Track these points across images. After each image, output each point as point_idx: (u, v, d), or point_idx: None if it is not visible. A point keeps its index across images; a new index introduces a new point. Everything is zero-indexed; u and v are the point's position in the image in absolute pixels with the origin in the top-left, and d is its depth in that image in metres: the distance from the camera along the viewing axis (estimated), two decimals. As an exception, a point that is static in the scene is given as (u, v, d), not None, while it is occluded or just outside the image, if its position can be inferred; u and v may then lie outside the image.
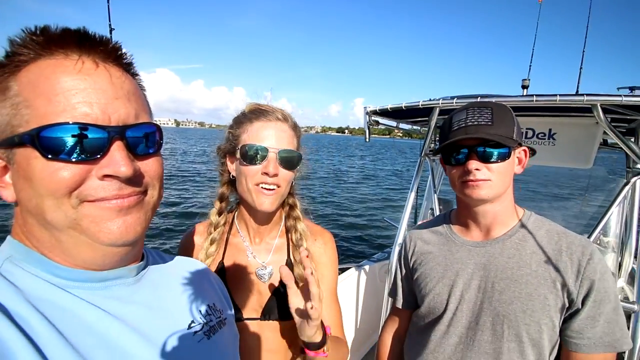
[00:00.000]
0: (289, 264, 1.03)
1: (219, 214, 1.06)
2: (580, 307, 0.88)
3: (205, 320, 0.64)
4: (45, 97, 0.45)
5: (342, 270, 2.62)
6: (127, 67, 0.53)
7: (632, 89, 2.39)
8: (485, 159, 0.90)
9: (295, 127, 1.01)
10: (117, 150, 0.48)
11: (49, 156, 0.44)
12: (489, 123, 0.89)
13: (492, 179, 0.91)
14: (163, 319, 0.57)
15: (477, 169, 0.90)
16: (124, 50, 0.52)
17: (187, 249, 1.06)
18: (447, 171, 1.01)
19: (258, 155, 0.92)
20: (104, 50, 0.49)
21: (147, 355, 0.51)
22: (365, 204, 13.19)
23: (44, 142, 0.44)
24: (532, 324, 0.89)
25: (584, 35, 3.06)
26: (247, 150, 0.93)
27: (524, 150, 0.97)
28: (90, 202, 0.48)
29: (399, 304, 1.20)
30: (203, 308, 0.66)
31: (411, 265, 1.14)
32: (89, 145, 0.46)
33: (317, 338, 0.86)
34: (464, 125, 0.91)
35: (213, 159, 1.09)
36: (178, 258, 0.74)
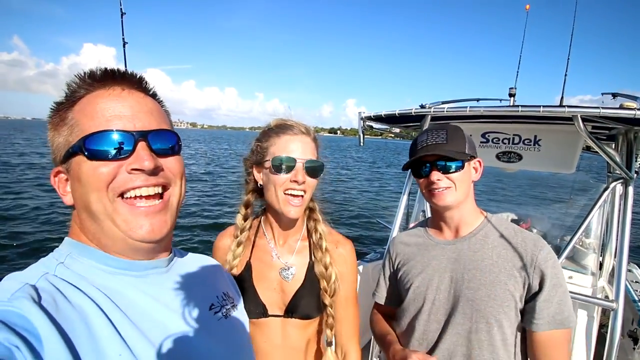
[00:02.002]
0: (311, 265, 1.12)
1: (245, 219, 1.16)
2: (537, 290, 1.03)
3: (222, 304, 0.78)
4: (89, 116, 0.60)
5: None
6: (150, 93, 0.69)
7: (614, 95, 2.51)
8: (445, 170, 1.09)
9: (315, 139, 1.11)
10: (141, 149, 0.61)
11: (91, 157, 0.58)
12: (444, 142, 1.08)
13: (452, 187, 1.09)
14: (190, 301, 0.70)
15: (438, 179, 1.09)
16: (146, 82, 0.67)
17: (218, 249, 1.17)
18: (418, 183, 1.19)
19: (287, 166, 1.02)
20: (130, 80, 0.65)
21: (180, 327, 0.65)
22: (360, 205, 13.31)
23: (87, 147, 0.58)
24: (495, 306, 1.05)
25: (569, 42, 3.17)
26: (278, 161, 1.03)
27: (479, 161, 1.17)
28: (123, 200, 0.60)
29: (381, 301, 1.36)
30: (220, 294, 0.80)
31: (395, 266, 1.29)
32: (119, 147, 0.59)
33: None
34: (425, 145, 1.11)
35: (216, 162, 1.19)
36: (195, 254, 0.87)
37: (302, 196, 1.05)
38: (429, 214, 2.52)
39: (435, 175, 1.09)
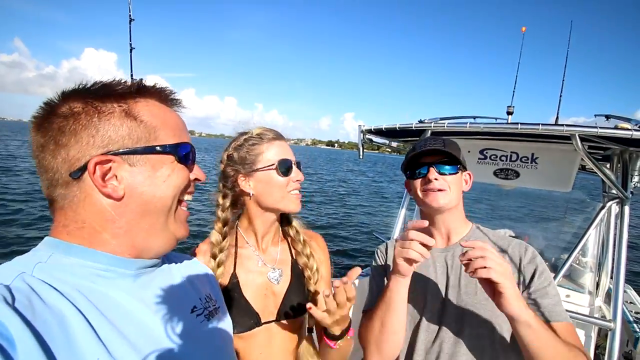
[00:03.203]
0: (294, 261, 1.17)
1: (224, 237, 1.09)
2: (529, 284, 1.07)
3: (204, 306, 0.77)
4: (170, 126, 0.67)
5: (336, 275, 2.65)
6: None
7: (607, 117, 2.56)
8: (442, 172, 1.14)
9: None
10: (196, 162, 0.72)
11: (181, 161, 0.67)
12: (443, 147, 1.14)
13: (447, 189, 1.13)
14: (172, 302, 0.69)
15: (435, 178, 1.13)
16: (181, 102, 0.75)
17: None
18: (411, 187, 1.22)
19: (290, 167, 1.09)
20: (177, 101, 0.72)
21: (160, 329, 0.63)
22: (359, 219, 13.28)
23: (181, 152, 0.67)
24: (494, 310, 1.02)
25: (563, 64, 3.24)
26: (284, 164, 1.08)
27: (469, 174, 1.24)
28: (182, 202, 0.69)
29: (373, 304, 1.28)
30: (202, 296, 0.79)
31: (387, 272, 1.25)
32: (193, 158, 0.70)
33: (336, 331, 1.00)
34: (424, 147, 1.16)
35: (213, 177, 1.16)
36: (179, 255, 0.86)
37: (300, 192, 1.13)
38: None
39: (433, 174, 1.13)
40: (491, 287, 0.92)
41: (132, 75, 1.68)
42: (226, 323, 0.84)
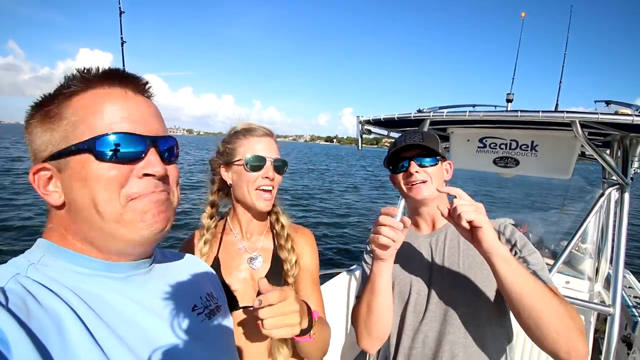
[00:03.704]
0: (275, 250, 1.20)
1: (210, 217, 1.21)
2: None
3: (205, 305, 0.76)
4: (98, 115, 0.57)
5: (333, 275, 2.67)
6: (151, 97, 0.67)
7: (607, 102, 2.54)
8: (422, 165, 1.20)
9: (275, 140, 1.21)
10: (153, 155, 0.60)
11: (102, 159, 0.56)
12: (421, 141, 1.20)
13: (428, 180, 1.19)
14: (171, 302, 0.68)
15: (416, 172, 1.18)
16: (150, 86, 0.66)
17: (186, 251, 1.15)
18: (395, 180, 1.28)
19: (259, 164, 1.12)
20: (137, 83, 0.63)
21: (159, 331, 0.62)
22: (359, 212, 13.32)
23: (98, 148, 0.56)
24: (476, 289, 1.13)
25: (563, 50, 3.21)
26: (251, 160, 1.11)
27: (449, 164, 1.30)
28: (134, 200, 0.59)
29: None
30: (203, 295, 0.77)
31: None
32: (131, 151, 0.58)
33: (304, 324, 0.87)
34: (404, 143, 1.22)
35: (206, 170, 1.26)
36: (179, 253, 0.85)
37: (271, 191, 1.14)
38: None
39: (414, 168, 1.18)
40: (469, 232, 0.97)
41: (124, 69, 1.65)
42: (228, 321, 0.83)
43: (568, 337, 0.88)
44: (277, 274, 1.15)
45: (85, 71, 0.59)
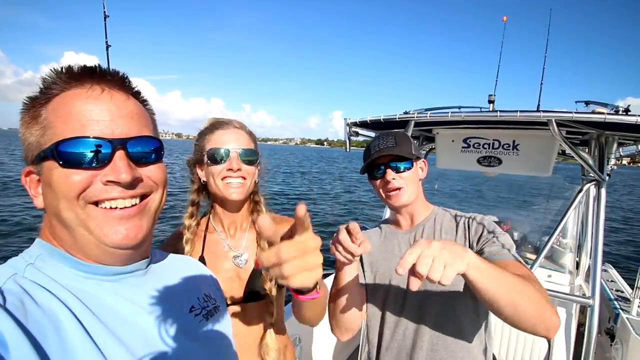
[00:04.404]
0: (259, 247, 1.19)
1: (191, 216, 1.20)
2: (478, 237, 1.17)
3: (203, 306, 0.75)
4: (63, 119, 0.55)
5: (326, 276, 2.69)
6: (133, 94, 0.64)
7: (587, 103, 2.63)
8: (397, 170, 1.22)
9: (250, 134, 1.20)
10: (119, 159, 0.57)
11: (64, 165, 0.54)
12: (394, 145, 1.21)
13: (404, 186, 1.22)
14: (168, 303, 0.67)
15: (393, 179, 1.21)
16: (129, 80, 0.62)
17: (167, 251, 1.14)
18: (374, 186, 1.30)
19: (222, 156, 1.10)
20: (111, 79, 0.59)
21: (157, 331, 0.62)
22: (353, 212, 13.38)
23: (60, 153, 0.54)
24: (453, 285, 1.10)
25: (544, 52, 3.31)
26: (213, 153, 1.11)
27: (423, 162, 1.32)
28: (96, 206, 0.56)
29: None
30: (200, 296, 0.77)
31: (362, 257, 1.37)
32: (96, 155, 0.55)
33: (309, 283, 0.68)
34: (377, 149, 1.23)
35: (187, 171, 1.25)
36: (176, 255, 0.84)
37: (241, 182, 1.12)
38: (387, 215, 2.64)
39: (390, 175, 1.21)
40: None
41: (100, 66, 1.63)
42: (227, 322, 0.82)
43: (544, 317, 0.90)
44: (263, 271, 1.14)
45: (64, 71, 0.57)
